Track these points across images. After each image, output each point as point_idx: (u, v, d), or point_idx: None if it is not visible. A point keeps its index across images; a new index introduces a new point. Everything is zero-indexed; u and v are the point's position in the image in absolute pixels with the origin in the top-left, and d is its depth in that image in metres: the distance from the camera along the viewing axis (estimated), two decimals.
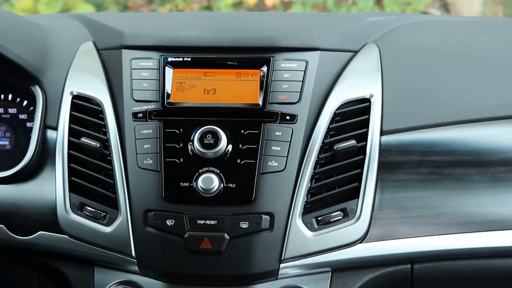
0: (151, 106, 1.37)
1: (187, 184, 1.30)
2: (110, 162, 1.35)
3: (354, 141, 1.33)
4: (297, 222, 1.29)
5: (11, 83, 1.53)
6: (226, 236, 1.28)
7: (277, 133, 1.32)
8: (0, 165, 1.43)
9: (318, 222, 1.31)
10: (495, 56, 1.49)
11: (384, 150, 1.34)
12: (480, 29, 1.65)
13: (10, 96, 1.54)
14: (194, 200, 1.30)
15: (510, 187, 1.34)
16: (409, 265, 1.37)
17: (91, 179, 1.37)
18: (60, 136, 1.39)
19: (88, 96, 1.41)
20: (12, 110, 1.54)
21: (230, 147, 1.31)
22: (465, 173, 1.34)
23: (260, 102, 1.35)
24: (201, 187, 1.28)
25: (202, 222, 1.29)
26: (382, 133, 1.35)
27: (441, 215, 1.32)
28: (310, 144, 1.33)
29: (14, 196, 1.39)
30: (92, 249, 1.34)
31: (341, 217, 1.31)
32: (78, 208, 1.36)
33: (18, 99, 1.54)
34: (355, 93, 1.37)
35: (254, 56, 1.40)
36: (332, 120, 1.35)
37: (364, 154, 1.33)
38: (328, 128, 1.34)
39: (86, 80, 1.43)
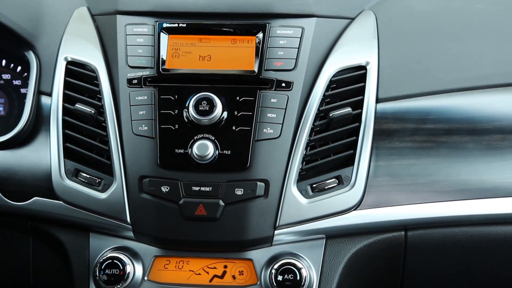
0: (146, 73, 1.36)
1: (182, 151, 1.30)
2: (105, 129, 1.35)
3: (350, 109, 1.33)
4: (292, 189, 1.30)
5: (5, 48, 1.52)
6: (221, 203, 1.29)
7: (272, 100, 1.32)
8: None
9: (313, 189, 1.31)
10: (492, 23, 1.48)
11: (379, 117, 1.34)
12: None
13: (3, 62, 1.54)
14: (189, 167, 1.30)
15: (505, 155, 1.34)
16: (403, 232, 1.37)
17: (86, 145, 1.36)
18: (55, 102, 1.38)
19: (83, 62, 1.40)
20: (6, 76, 1.53)
21: (225, 114, 1.31)
22: (460, 141, 1.34)
23: (256, 69, 1.35)
24: (196, 153, 1.28)
25: (197, 188, 1.29)
26: (378, 100, 1.35)
27: (436, 182, 1.33)
28: (305, 111, 1.32)
29: (9, 162, 1.39)
30: (87, 215, 1.34)
31: (336, 184, 1.32)
32: (73, 174, 1.36)
33: (12, 65, 1.53)
34: (351, 60, 1.36)
35: (250, 23, 1.39)
36: (328, 87, 1.34)
37: (360, 121, 1.33)
38: (324, 95, 1.34)
39: (80, 45, 1.42)
